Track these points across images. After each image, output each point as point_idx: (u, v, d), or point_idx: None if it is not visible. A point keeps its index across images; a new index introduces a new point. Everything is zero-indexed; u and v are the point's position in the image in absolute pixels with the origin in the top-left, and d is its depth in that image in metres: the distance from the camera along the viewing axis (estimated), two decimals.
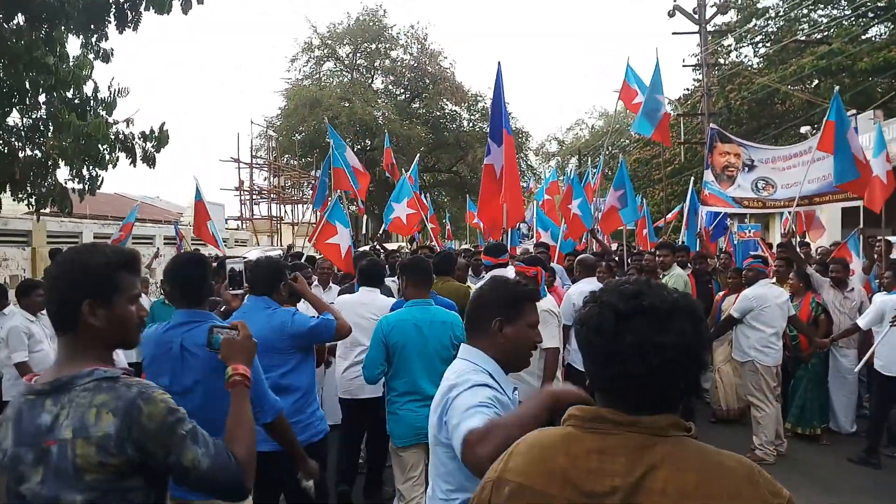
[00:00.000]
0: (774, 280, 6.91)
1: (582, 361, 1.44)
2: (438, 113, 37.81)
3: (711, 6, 22.23)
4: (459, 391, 2.12)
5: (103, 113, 7.33)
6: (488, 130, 8.87)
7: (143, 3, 6.31)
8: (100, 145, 7.18)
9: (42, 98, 7.38)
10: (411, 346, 4.06)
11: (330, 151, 10.62)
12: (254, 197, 31.29)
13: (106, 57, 7.40)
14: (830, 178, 7.31)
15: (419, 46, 37.06)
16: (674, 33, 22.76)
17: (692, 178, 13.87)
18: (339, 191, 10.52)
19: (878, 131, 8.34)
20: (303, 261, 7.96)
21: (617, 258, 9.37)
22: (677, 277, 7.03)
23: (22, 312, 5.77)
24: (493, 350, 2.30)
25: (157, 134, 7.61)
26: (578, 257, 7.18)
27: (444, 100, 37.41)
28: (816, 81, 24.87)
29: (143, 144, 7.59)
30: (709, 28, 22.49)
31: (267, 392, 2.91)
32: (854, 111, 15.42)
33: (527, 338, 2.36)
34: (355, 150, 33.81)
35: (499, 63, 8.53)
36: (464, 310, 2.61)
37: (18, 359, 5.52)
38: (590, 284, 6.09)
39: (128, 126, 7.57)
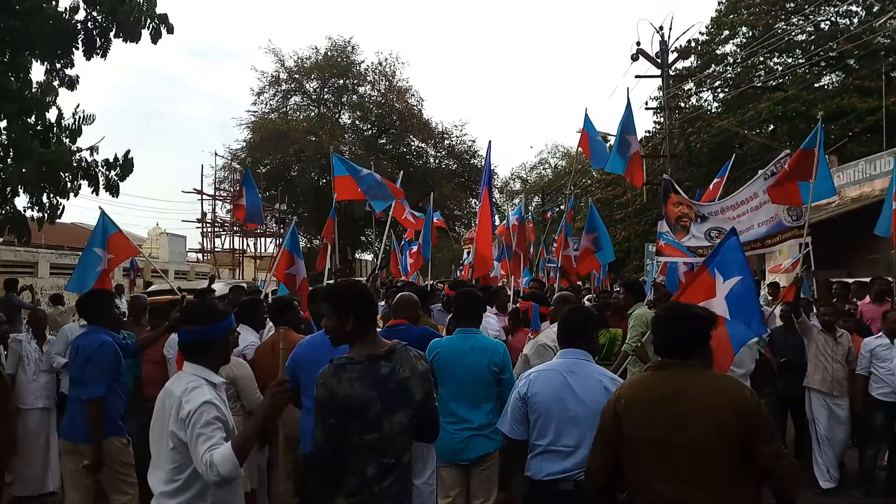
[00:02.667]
0: None
1: None
2: (405, 149, 38.02)
3: (673, 51, 22.90)
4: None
5: (67, 140, 7.17)
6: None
7: (113, 30, 6.24)
8: (62, 173, 7.01)
9: (3, 124, 7.20)
10: (448, 371, 4.33)
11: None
12: (216, 229, 30.95)
13: (71, 84, 7.28)
14: (778, 218, 7.49)
15: (387, 83, 37.36)
16: (637, 76, 23.39)
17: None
18: (294, 217, 10.87)
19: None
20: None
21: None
22: (638, 316, 7.03)
23: None
24: None
25: (121, 162, 7.46)
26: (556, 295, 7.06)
27: (411, 136, 37.66)
28: (773, 126, 25.68)
29: (107, 173, 7.43)
30: (670, 72, 23.13)
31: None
32: (786, 154, 15.88)
33: None
34: (320, 183, 33.75)
35: (489, 142, 10.29)
36: None
37: None
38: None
39: (92, 154, 7.41)
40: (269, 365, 4.51)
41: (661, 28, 22.29)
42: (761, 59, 26.03)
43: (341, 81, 37.16)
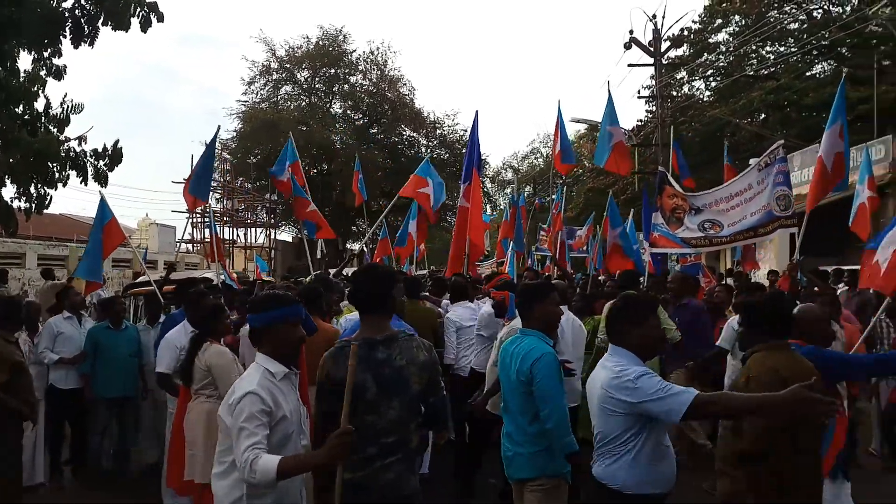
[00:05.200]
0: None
1: None
2: (396, 139, 37.88)
3: (666, 40, 22.85)
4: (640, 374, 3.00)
5: (55, 130, 7.07)
6: (463, 171, 9.51)
7: (102, 17, 6.13)
8: (50, 163, 6.91)
9: None
10: (502, 377, 4.08)
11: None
12: (206, 220, 30.77)
13: (59, 74, 7.17)
14: (769, 208, 7.50)
15: (379, 72, 37.16)
16: (629, 65, 23.40)
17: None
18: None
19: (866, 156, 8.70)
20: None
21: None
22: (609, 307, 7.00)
23: None
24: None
25: (110, 152, 7.37)
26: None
27: (403, 126, 37.51)
28: (764, 115, 25.70)
29: (96, 162, 7.34)
30: (663, 61, 23.09)
31: None
32: (779, 144, 15.90)
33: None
34: (312, 173, 33.60)
35: (476, 112, 10.19)
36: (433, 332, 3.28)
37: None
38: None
39: (80, 144, 7.31)
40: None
41: (654, 16, 22.34)
42: (753, 47, 26.04)
43: (333, 71, 36.93)
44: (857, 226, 8.16)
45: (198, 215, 29.76)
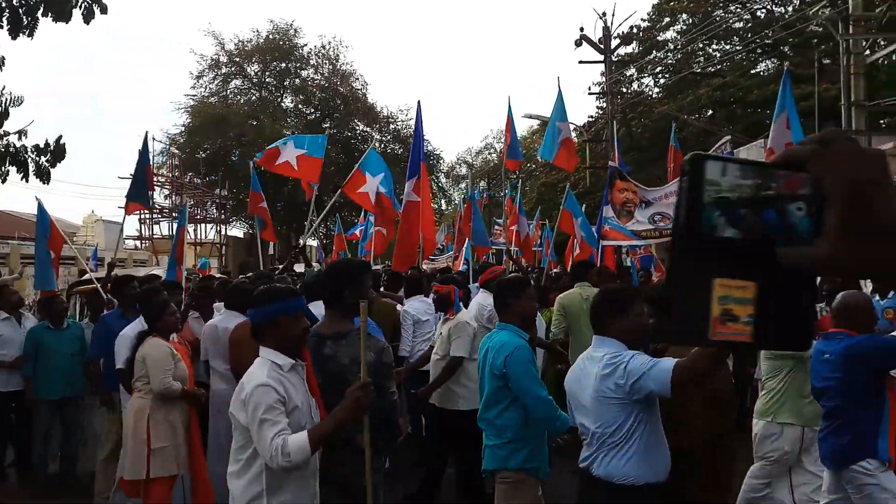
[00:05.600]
0: None
1: None
2: (350, 133, 37.57)
3: (616, 37, 23.17)
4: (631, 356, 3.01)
5: None
6: (408, 166, 9.26)
7: (41, 8, 5.94)
8: None
9: None
10: (480, 371, 4.14)
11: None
12: (154, 216, 30.12)
13: None
14: None
15: (330, 67, 36.78)
16: (580, 62, 23.64)
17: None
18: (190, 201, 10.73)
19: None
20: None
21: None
22: (558, 300, 7.10)
23: None
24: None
25: (52, 147, 7.14)
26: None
27: (356, 120, 37.22)
28: (711, 112, 26.29)
29: (37, 158, 7.11)
30: (613, 58, 23.41)
31: None
32: (726, 140, 16.28)
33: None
34: (262, 168, 33.06)
35: (419, 102, 9.53)
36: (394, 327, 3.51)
37: None
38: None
39: (20, 138, 7.07)
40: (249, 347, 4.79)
41: (604, 14, 22.54)
42: (700, 45, 26.56)
43: (283, 65, 36.43)
44: None
45: (146, 212, 29.15)
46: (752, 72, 25.26)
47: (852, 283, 5.07)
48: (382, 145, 37.42)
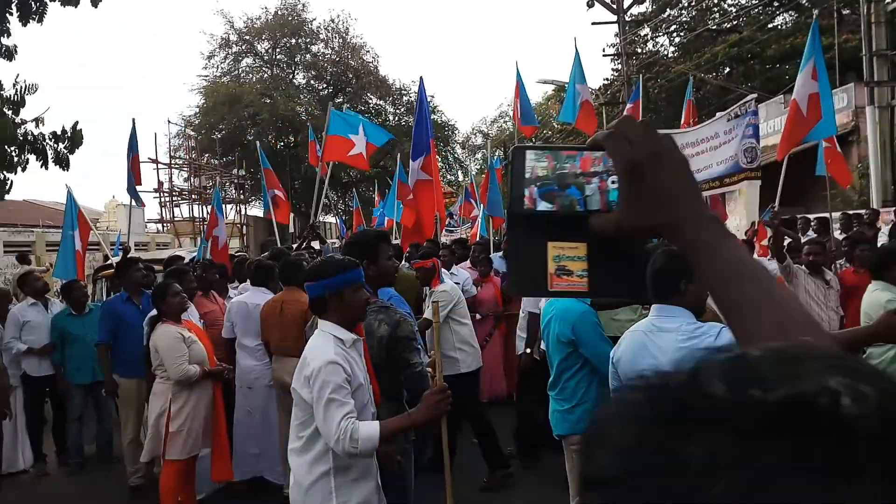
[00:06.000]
0: None
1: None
2: (363, 108, 37.44)
3: None
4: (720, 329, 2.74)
5: (9, 112, 6.88)
6: (412, 145, 9.00)
7: None
8: (7, 147, 6.74)
9: None
10: (544, 337, 4.19)
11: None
12: (174, 198, 30.31)
13: (9, 55, 6.96)
14: (736, 159, 7.51)
15: (341, 40, 36.59)
16: (593, 23, 23.24)
17: None
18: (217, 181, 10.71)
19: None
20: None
21: None
22: None
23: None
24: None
25: (69, 134, 7.20)
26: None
27: (369, 94, 37.09)
28: (728, 69, 25.81)
29: (55, 145, 7.17)
30: (626, 18, 23.01)
31: None
32: (752, 97, 15.98)
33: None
34: (278, 147, 33.09)
35: (421, 78, 9.46)
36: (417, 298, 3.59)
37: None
38: None
39: (37, 126, 7.13)
40: (277, 323, 5.07)
41: None
42: (715, 1, 26.02)
43: (294, 41, 36.30)
44: (834, 172, 8.22)
45: (165, 194, 29.35)
46: (770, 26, 24.71)
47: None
48: (396, 118, 37.28)
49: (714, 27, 25.39)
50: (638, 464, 0.39)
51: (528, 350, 5.63)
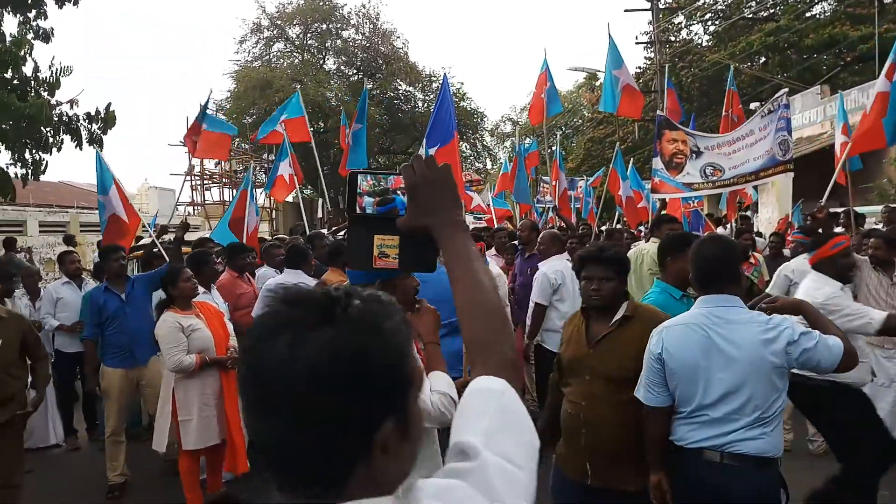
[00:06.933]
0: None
1: (554, 343, 1.82)
2: (392, 94, 37.44)
3: None
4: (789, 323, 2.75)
5: (45, 94, 7.01)
6: (427, 133, 8.47)
7: None
8: (42, 128, 6.87)
9: None
10: None
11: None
12: (205, 182, 30.64)
13: (46, 37, 7.08)
14: (772, 153, 7.48)
15: (371, 26, 36.55)
16: (626, 10, 22.90)
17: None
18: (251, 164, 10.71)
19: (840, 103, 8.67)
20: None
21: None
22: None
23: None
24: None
25: (103, 115, 7.32)
26: (544, 232, 6.79)
27: (399, 80, 37.02)
28: (764, 59, 25.33)
29: (89, 126, 7.29)
30: (660, 5, 22.67)
31: None
32: (783, 92, 15.69)
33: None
34: (309, 131, 33.14)
35: (444, 74, 9.59)
36: None
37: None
38: (560, 261, 5.98)
39: (72, 107, 7.25)
40: None
41: None
42: None
43: (324, 26, 36.32)
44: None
45: (196, 177, 29.68)
46: (807, 14, 24.17)
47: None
48: (426, 104, 37.22)
49: (750, 15, 24.91)
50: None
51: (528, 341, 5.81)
